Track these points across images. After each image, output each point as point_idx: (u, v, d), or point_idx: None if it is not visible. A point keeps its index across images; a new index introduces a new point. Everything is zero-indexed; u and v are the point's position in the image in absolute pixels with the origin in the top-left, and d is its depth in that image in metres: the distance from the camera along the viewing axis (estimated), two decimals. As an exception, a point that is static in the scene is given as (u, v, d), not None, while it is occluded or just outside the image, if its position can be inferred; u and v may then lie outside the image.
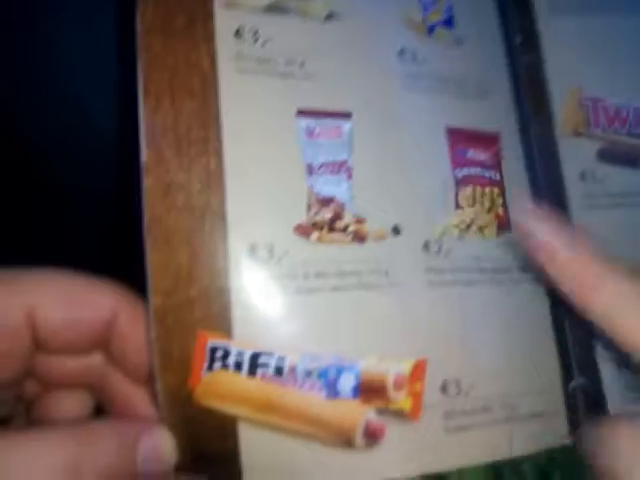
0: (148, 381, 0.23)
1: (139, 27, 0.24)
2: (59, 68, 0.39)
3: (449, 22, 0.32)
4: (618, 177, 0.33)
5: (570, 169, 0.32)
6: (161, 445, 0.21)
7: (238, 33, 0.25)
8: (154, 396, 0.22)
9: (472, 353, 0.26)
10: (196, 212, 0.23)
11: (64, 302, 0.22)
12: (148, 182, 0.23)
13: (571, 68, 0.34)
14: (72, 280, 0.23)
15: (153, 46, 0.24)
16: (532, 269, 0.29)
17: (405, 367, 0.23)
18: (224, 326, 0.23)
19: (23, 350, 0.22)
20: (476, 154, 0.30)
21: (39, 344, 0.22)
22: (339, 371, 0.22)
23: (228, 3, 0.26)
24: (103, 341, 0.23)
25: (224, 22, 0.25)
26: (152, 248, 0.23)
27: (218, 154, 0.24)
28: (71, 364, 0.24)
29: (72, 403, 0.25)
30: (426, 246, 0.27)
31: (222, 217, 0.24)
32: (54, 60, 0.39)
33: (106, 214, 0.35)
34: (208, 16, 0.25)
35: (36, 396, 0.25)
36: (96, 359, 0.24)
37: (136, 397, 0.24)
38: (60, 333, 0.22)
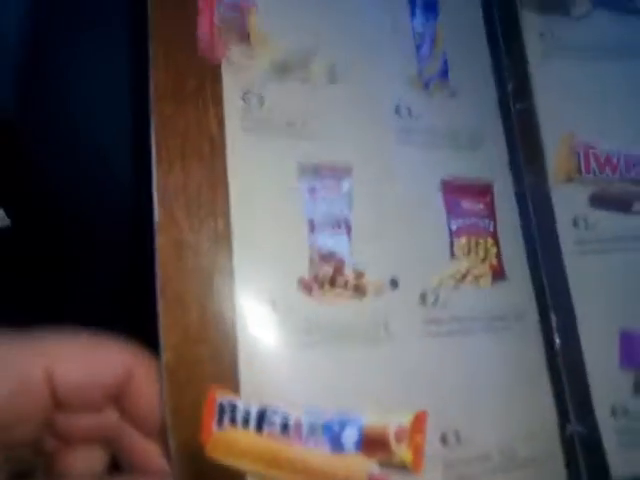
0: (161, 436, 0.24)
1: (152, 92, 0.25)
2: (80, 116, 0.41)
3: (444, 74, 0.33)
4: (610, 222, 0.34)
5: (562, 215, 0.33)
6: None
7: (244, 98, 0.27)
8: (167, 450, 0.23)
9: (470, 402, 0.27)
10: (205, 272, 0.24)
11: (81, 362, 0.23)
12: (160, 241, 0.24)
13: (563, 114, 0.35)
14: (88, 340, 0.24)
15: (165, 111, 0.25)
16: (527, 317, 0.30)
17: (406, 419, 0.24)
18: (232, 382, 0.24)
19: (43, 409, 0.23)
20: (470, 204, 0.31)
21: (58, 403, 0.23)
22: (342, 425, 0.23)
23: (236, 69, 0.27)
24: (118, 398, 0.24)
25: (231, 86, 0.27)
26: (165, 307, 0.24)
27: (225, 215, 0.25)
28: (87, 420, 0.25)
29: (89, 457, 0.26)
30: (423, 298, 0.28)
31: (230, 276, 0.25)
32: (75, 107, 0.41)
33: (121, 266, 0.36)
34: (217, 80, 0.26)
35: (55, 451, 0.25)
36: (111, 415, 0.25)
37: (150, 451, 0.25)
38: (77, 392, 0.23)
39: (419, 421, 0.24)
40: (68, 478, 0.24)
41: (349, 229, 0.27)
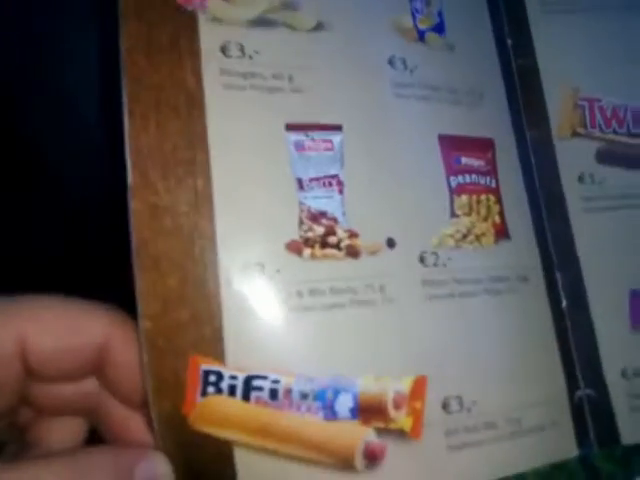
0: (143, 406, 0.22)
1: (122, 44, 0.24)
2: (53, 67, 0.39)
3: (440, 27, 0.31)
4: (618, 178, 0.32)
5: (568, 172, 0.32)
6: (157, 471, 0.21)
7: (224, 48, 0.25)
8: (149, 421, 0.22)
9: (474, 367, 0.25)
10: (184, 234, 0.23)
11: (56, 330, 0.22)
12: (135, 205, 0.23)
13: (566, 69, 0.33)
14: (63, 306, 0.22)
15: (137, 64, 0.24)
16: (532, 278, 0.29)
17: (404, 385, 0.23)
18: (217, 349, 0.22)
19: (15, 380, 0.21)
20: (470, 161, 0.29)
21: (31, 373, 0.22)
22: (336, 392, 0.22)
23: (213, 18, 0.25)
24: (97, 367, 0.23)
25: (209, 38, 0.25)
26: (141, 272, 0.22)
27: (205, 174, 0.23)
28: (65, 391, 0.23)
29: (67, 428, 0.24)
30: (422, 258, 0.26)
31: (211, 238, 0.23)
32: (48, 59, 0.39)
33: (99, 227, 0.35)
34: (193, 32, 0.25)
35: (30, 421, 0.24)
36: (90, 385, 0.24)
37: (132, 422, 0.23)
38: (53, 362, 0.22)
39: (418, 387, 0.23)
40: (43, 448, 0.23)
41: (341, 187, 0.26)
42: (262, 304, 0.23)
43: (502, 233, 0.29)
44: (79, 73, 0.37)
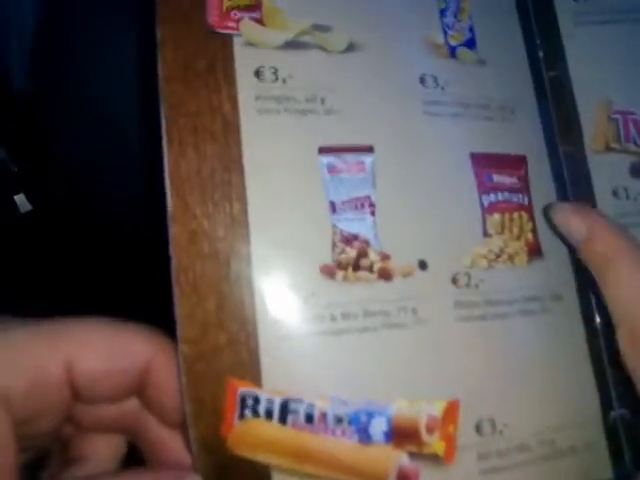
0: (182, 427, 0.23)
1: (160, 72, 0.24)
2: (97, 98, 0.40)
3: (471, 43, 0.31)
4: (653, 192, 0.32)
5: (602, 186, 0.32)
6: None
7: (258, 73, 0.25)
8: (188, 442, 0.22)
9: (506, 389, 0.25)
10: (221, 258, 0.23)
11: (102, 353, 0.22)
12: (175, 230, 0.23)
13: (598, 81, 0.33)
14: (108, 329, 0.23)
15: (175, 92, 0.24)
16: (565, 296, 0.29)
17: (437, 409, 0.23)
18: (253, 373, 0.23)
19: (63, 403, 0.22)
20: (502, 178, 0.29)
21: (77, 396, 0.22)
22: (370, 416, 0.22)
23: (247, 42, 0.26)
24: (139, 388, 0.23)
25: (244, 62, 0.25)
26: (180, 297, 0.23)
27: (241, 198, 0.24)
28: (106, 410, 0.24)
29: (107, 444, 0.25)
30: (454, 279, 0.26)
31: (247, 262, 0.24)
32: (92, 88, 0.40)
33: (139, 251, 0.35)
34: (228, 57, 0.25)
35: (72, 436, 0.25)
36: (131, 404, 0.24)
37: (171, 441, 0.24)
38: (98, 384, 0.22)
39: (451, 410, 0.23)
40: (84, 464, 0.24)
41: (373, 209, 0.26)
42: (296, 327, 0.23)
43: (535, 251, 0.29)
44: (121, 92, 0.38)
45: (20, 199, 0.54)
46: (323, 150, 0.26)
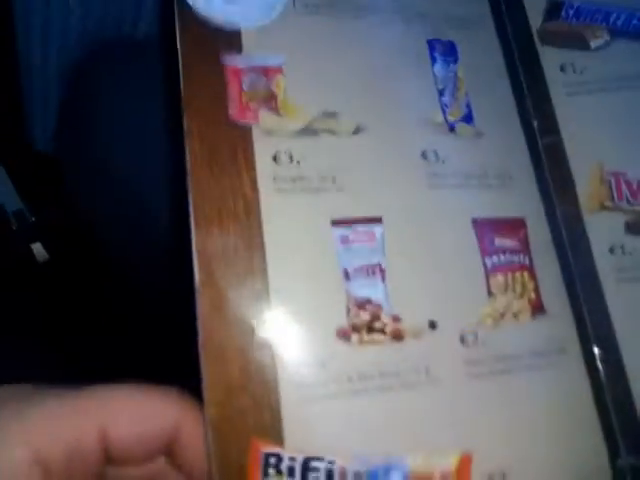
0: (208, 484, 0.24)
1: (188, 162, 0.27)
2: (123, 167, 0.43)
3: (469, 117, 0.34)
4: (648, 247, 0.34)
5: (599, 244, 0.33)
6: None
7: (275, 157, 0.28)
8: (214, 500, 0.24)
9: (516, 443, 0.27)
10: (245, 326, 0.26)
11: (134, 419, 0.24)
12: (201, 302, 0.26)
13: (591, 145, 0.35)
14: (140, 394, 0.25)
15: (201, 179, 0.27)
16: (569, 350, 0.30)
17: (451, 463, 0.24)
18: (276, 433, 0.24)
19: (95, 467, 0.24)
20: (504, 241, 0.31)
21: (110, 459, 0.24)
22: (387, 471, 0.24)
23: (265, 131, 0.29)
24: (167, 448, 0.25)
25: (262, 149, 0.28)
26: (206, 363, 0.25)
27: (263, 272, 0.26)
28: (136, 469, 0.26)
29: None
30: (462, 338, 0.28)
31: (269, 329, 0.26)
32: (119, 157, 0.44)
33: (159, 310, 0.38)
34: (248, 145, 0.28)
35: None
36: (159, 463, 0.26)
37: None
38: (130, 448, 0.24)
39: (464, 464, 0.25)
40: None
41: (384, 275, 0.28)
42: (316, 389, 0.25)
43: (538, 308, 0.31)
44: (141, 163, 0.41)
45: (37, 248, 0.57)
46: (336, 223, 0.28)
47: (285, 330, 0.26)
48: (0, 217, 0.57)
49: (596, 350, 0.31)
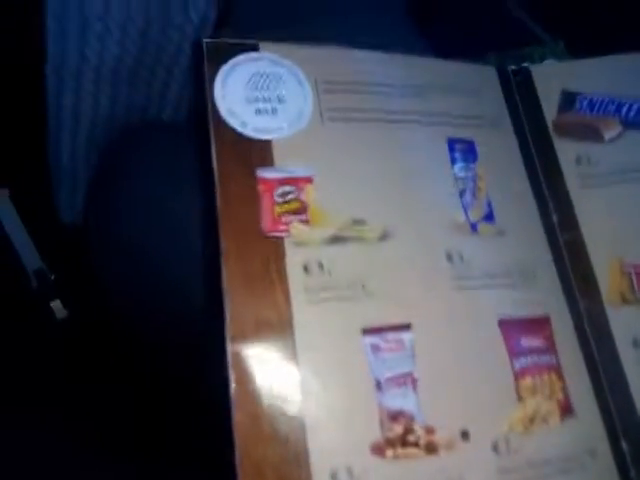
0: None
1: (224, 280, 0.28)
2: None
3: (490, 216, 0.35)
4: (671, 340, 0.34)
5: (622, 337, 0.34)
6: None
7: (306, 268, 0.29)
8: None
9: None
10: (281, 440, 0.26)
11: None
12: (238, 416, 0.26)
13: (610, 238, 0.36)
14: None
15: (237, 298, 0.28)
16: (599, 451, 0.30)
17: None
18: None
19: None
20: (530, 341, 0.32)
21: None
22: None
23: (296, 242, 0.29)
24: None
25: (294, 260, 0.29)
26: (243, 477, 0.25)
27: (296, 384, 0.27)
28: None
29: None
30: (495, 447, 0.28)
31: (304, 443, 0.26)
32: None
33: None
34: (280, 257, 0.29)
35: None
36: None
37: None
38: None
39: None
40: None
41: (415, 384, 0.29)
42: (353, 506, 0.25)
43: (567, 410, 0.31)
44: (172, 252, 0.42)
45: (56, 305, 0.58)
46: (366, 331, 0.29)
47: (320, 446, 0.26)
48: (21, 276, 0.58)
49: (626, 449, 0.31)
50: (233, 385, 0.26)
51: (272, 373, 0.27)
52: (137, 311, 0.49)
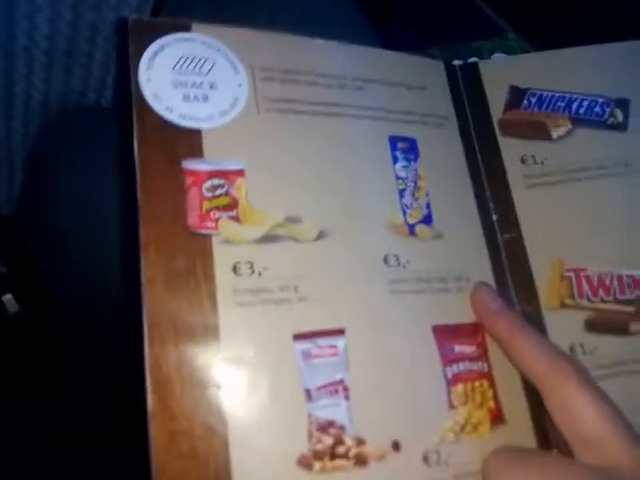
0: None
1: (143, 276, 0.26)
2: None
3: (428, 219, 0.33)
4: (608, 346, 0.33)
5: (558, 343, 0.33)
6: None
7: (235, 268, 0.27)
8: None
9: None
10: (200, 457, 0.24)
11: None
12: (154, 431, 0.24)
13: (550, 240, 0.35)
14: None
15: (156, 294, 0.26)
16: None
17: None
18: None
19: None
20: (463, 348, 0.31)
21: None
22: None
23: (225, 240, 0.27)
24: None
25: (222, 259, 0.27)
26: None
27: (220, 395, 0.25)
28: None
29: None
30: (425, 458, 0.27)
31: (226, 460, 0.24)
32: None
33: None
34: (207, 256, 0.27)
35: None
36: None
37: None
38: None
39: None
40: None
41: (347, 393, 0.27)
42: (276, 524, 0.24)
43: (498, 418, 0.30)
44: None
45: (8, 299, 0.55)
46: (297, 337, 0.27)
47: (244, 462, 0.24)
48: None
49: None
50: (150, 396, 0.24)
51: (192, 386, 0.25)
52: (70, 307, 0.47)
